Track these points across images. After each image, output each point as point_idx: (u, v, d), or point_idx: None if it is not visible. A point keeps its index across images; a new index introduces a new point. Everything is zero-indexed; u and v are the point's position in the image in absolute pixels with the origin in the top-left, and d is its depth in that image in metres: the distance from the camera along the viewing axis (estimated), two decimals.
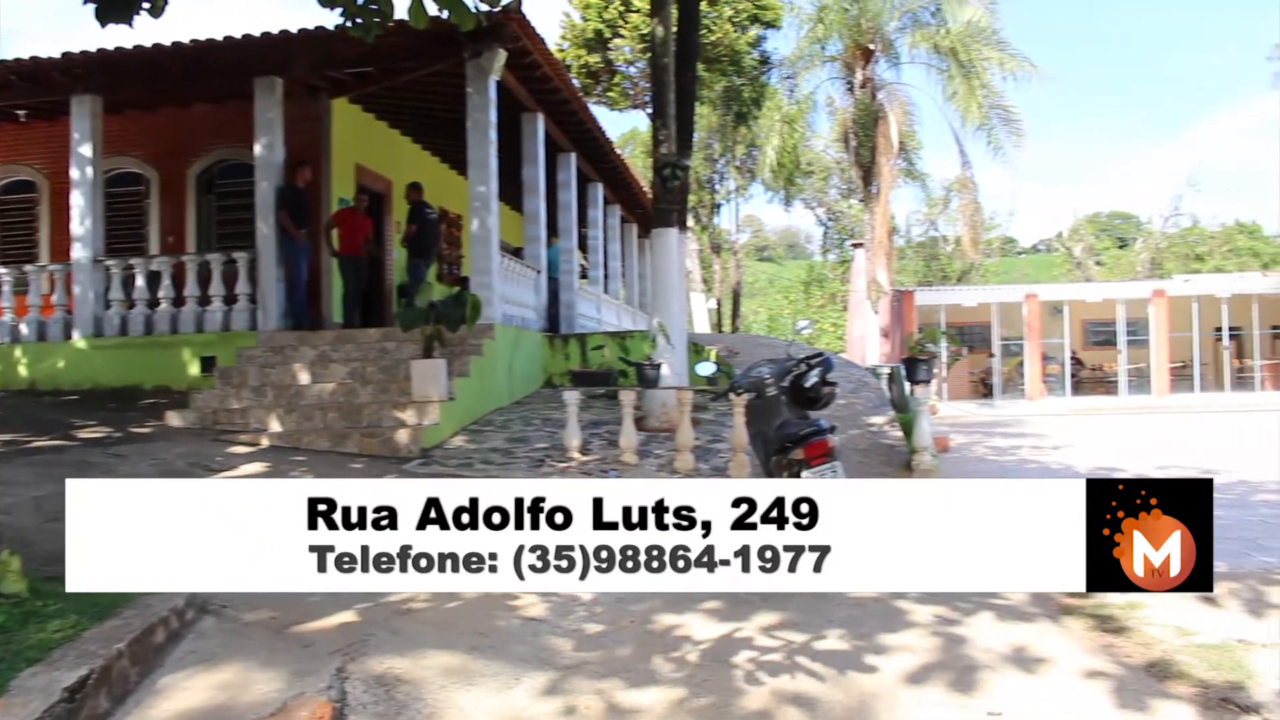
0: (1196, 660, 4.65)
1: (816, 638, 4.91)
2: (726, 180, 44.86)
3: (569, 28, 31.89)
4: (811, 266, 57.55)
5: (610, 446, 10.36)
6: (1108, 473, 12.65)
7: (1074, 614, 5.36)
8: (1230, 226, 54.42)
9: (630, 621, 5.18)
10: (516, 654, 4.68)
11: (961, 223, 32.41)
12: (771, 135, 29.36)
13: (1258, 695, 4.24)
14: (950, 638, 4.97)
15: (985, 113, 27.04)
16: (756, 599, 5.35)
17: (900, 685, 4.36)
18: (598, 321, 19.74)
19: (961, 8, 26.87)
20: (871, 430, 11.77)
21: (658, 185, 12.25)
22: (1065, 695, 4.27)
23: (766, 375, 6.57)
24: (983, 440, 17.13)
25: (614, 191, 21.55)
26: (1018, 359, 30.80)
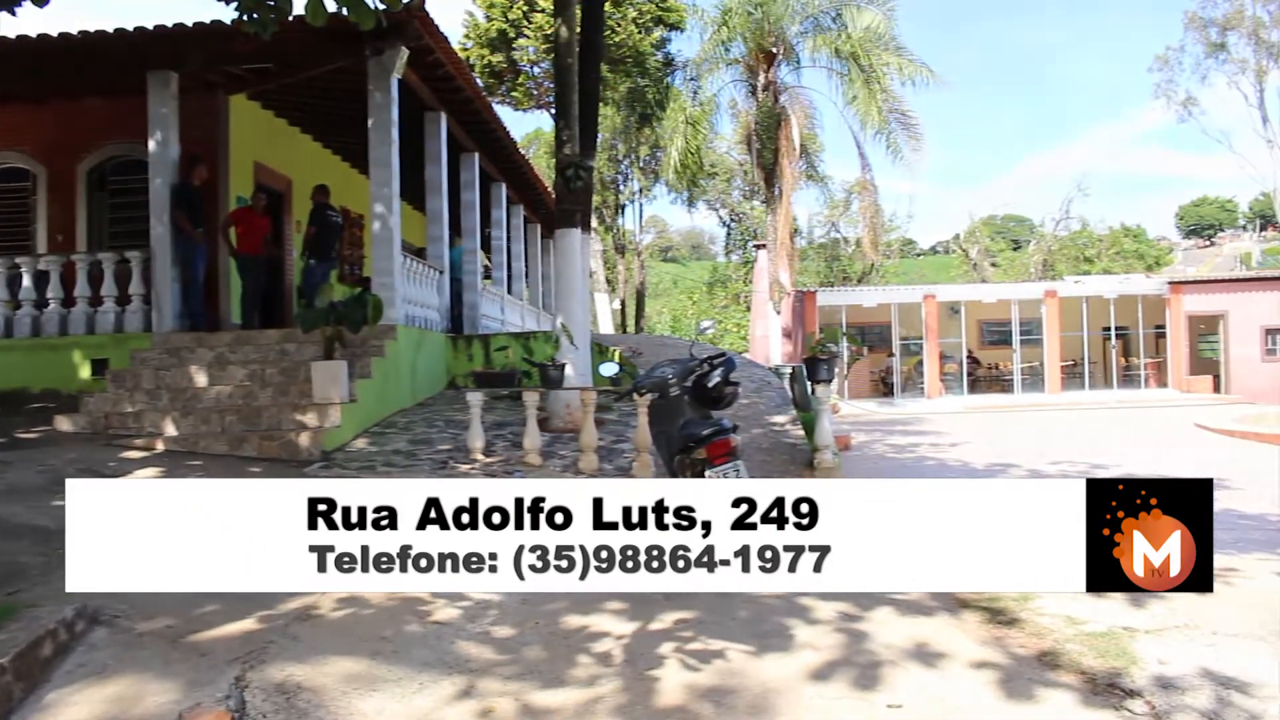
0: (1084, 649, 4.77)
1: (723, 635, 4.94)
2: (631, 181, 45.02)
3: (473, 27, 31.69)
4: (715, 267, 57.99)
5: (514, 448, 10.31)
6: (1002, 469, 12.99)
7: (971, 607, 5.47)
8: (1117, 230, 56.18)
9: (539, 623, 5.15)
10: (422, 659, 4.62)
11: (862, 225, 32.96)
12: (675, 137, 29.50)
13: (1140, 680, 4.37)
14: (852, 633, 5.02)
15: (885, 117, 27.50)
16: (661, 598, 5.37)
17: (805, 680, 4.40)
18: (501, 322, 19.63)
19: (861, 13, 27.31)
20: (774, 429, 11.90)
21: (561, 186, 12.22)
22: (960, 687, 4.34)
23: (670, 375, 6.60)
24: (883, 438, 17.45)
25: (518, 192, 21.46)
26: (917, 358, 31.41)
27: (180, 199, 12.34)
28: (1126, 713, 4.06)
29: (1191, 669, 4.50)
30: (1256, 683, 4.34)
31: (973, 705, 4.15)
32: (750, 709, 4.10)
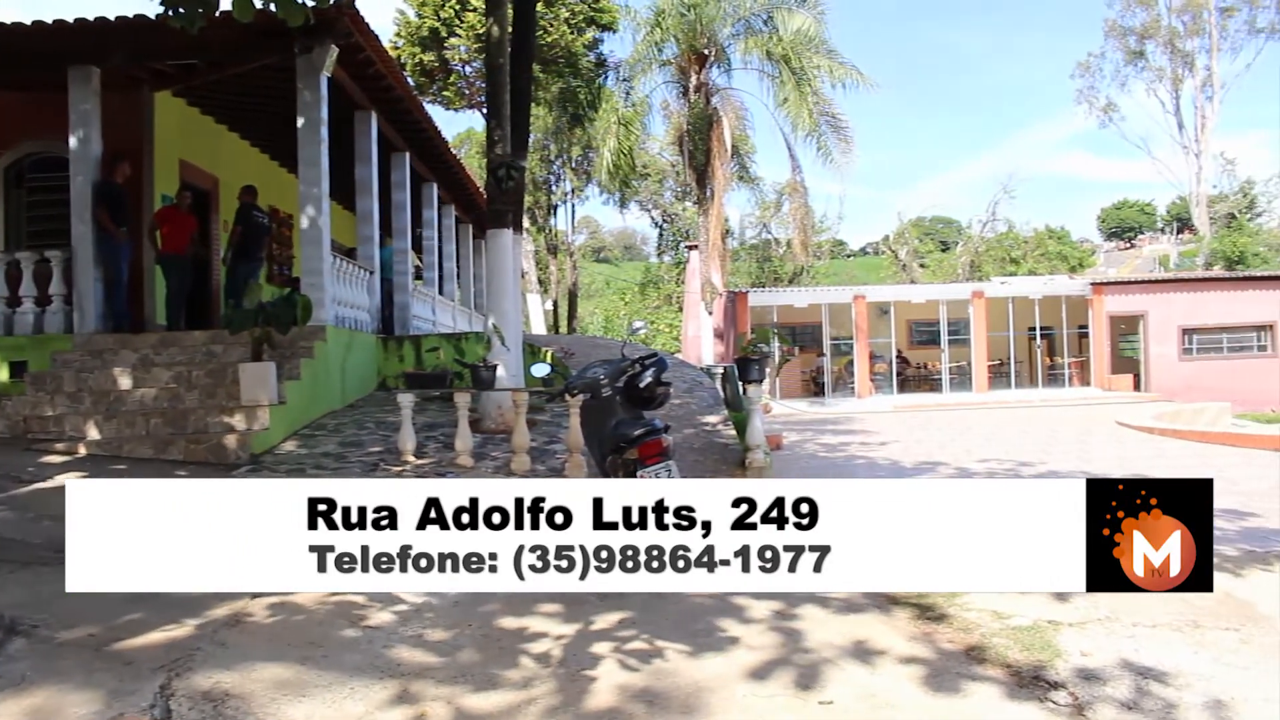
0: (1010, 642, 4.88)
1: (657, 635, 4.96)
2: (563, 182, 44.99)
3: (404, 25, 31.42)
4: (647, 268, 58.04)
5: (445, 449, 10.26)
6: (930, 468, 13.16)
7: (900, 604, 5.55)
8: (1041, 232, 57.18)
9: (473, 625, 5.14)
10: (353, 663, 4.58)
11: (793, 226, 33.25)
12: (608, 137, 29.49)
13: (1063, 672, 4.49)
14: (785, 631, 5.08)
15: (815, 119, 27.73)
16: (595, 599, 5.38)
17: (738, 679, 4.44)
18: (433, 323, 19.51)
19: (792, 16, 27.50)
20: (706, 429, 11.95)
21: (493, 186, 12.17)
22: (890, 682, 4.41)
23: (601, 376, 6.60)
24: (814, 437, 17.59)
25: (449, 192, 21.32)
26: (847, 358, 31.71)
27: (102, 197, 12.09)
28: (1050, 704, 4.15)
29: (1112, 660, 4.62)
30: (1173, 672, 4.47)
31: (902, 700, 4.21)
32: (683, 708, 4.13)
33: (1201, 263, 50.81)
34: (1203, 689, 4.28)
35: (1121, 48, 57.89)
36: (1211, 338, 31.06)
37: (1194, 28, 55.50)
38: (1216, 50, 55.07)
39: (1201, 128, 55.53)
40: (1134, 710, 4.08)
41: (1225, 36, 54.97)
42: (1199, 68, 55.69)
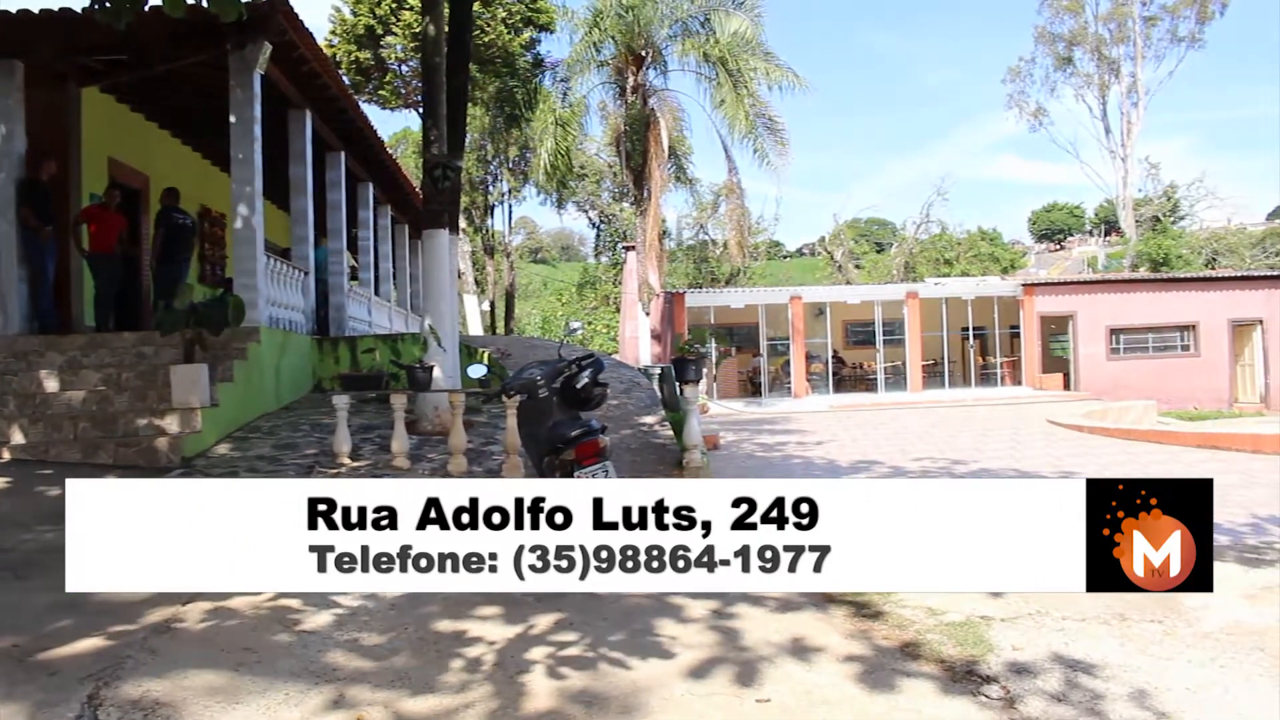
0: (944, 638, 4.95)
1: (594, 636, 4.96)
2: (500, 182, 44.78)
3: (339, 22, 31.10)
4: (585, 268, 58.07)
5: (382, 451, 10.18)
6: (866, 466, 13.31)
7: (837, 602, 5.60)
8: (974, 233, 58.06)
9: (409, 629, 5.10)
10: (288, 669, 4.52)
11: (730, 227, 33.40)
12: (545, 138, 29.44)
13: (996, 667, 4.56)
14: (723, 630, 5.10)
15: (752, 121, 27.88)
16: (532, 600, 5.37)
17: (676, 678, 4.45)
18: (369, 324, 19.34)
19: (729, 19, 27.63)
20: (643, 430, 11.98)
21: (429, 186, 12.09)
22: (827, 680, 4.45)
23: (538, 377, 6.59)
24: (751, 437, 17.70)
25: (385, 192, 21.15)
26: (784, 358, 31.92)
27: (26, 195, 11.82)
28: (983, 698, 4.22)
29: (1043, 654, 4.71)
30: (1100, 664, 4.56)
31: (839, 697, 4.24)
32: (621, 709, 4.13)
33: (1128, 264, 51.87)
34: (1128, 680, 4.37)
35: (1051, 53, 58.98)
36: (1138, 338, 31.73)
37: (1120, 35, 56.76)
38: (1141, 58, 56.37)
39: (1127, 133, 56.74)
40: (1063, 702, 4.15)
41: (1149, 45, 56.29)
42: (1124, 74, 56.95)
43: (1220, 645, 4.88)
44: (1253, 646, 4.85)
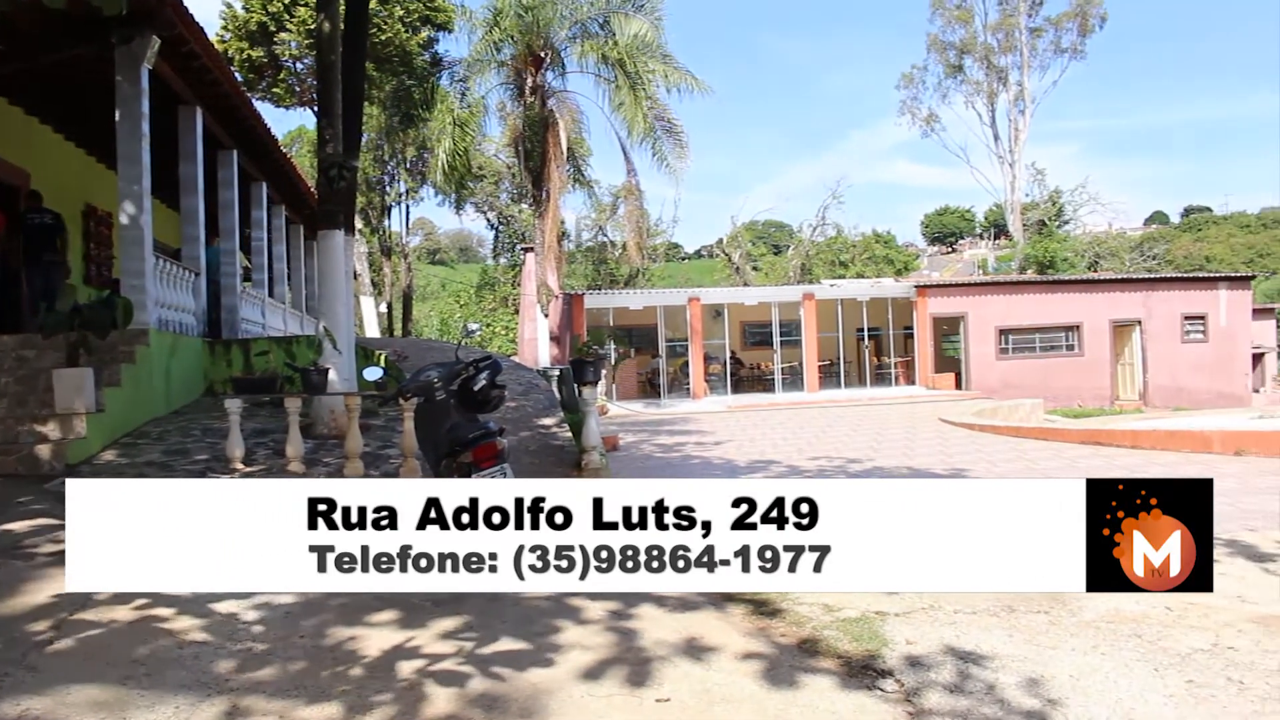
0: (841, 634, 5.05)
1: (493, 640, 4.94)
2: (397, 182, 44.30)
3: (230, 18, 30.44)
4: (484, 270, 57.76)
5: (276, 456, 10.02)
6: (763, 465, 13.48)
7: (735, 601, 5.67)
8: (869, 236, 59.09)
9: (302, 637, 5.03)
10: (178, 681, 4.41)
11: (628, 229, 33.50)
12: (443, 138, 29.15)
13: (891, 661, 4.67)
14: (622, 631, 5.12)
15: (650, 123, 27.96)
16: (430, 605, 5.35)
17: (576, 680, 4.46)
18: (263, 326, 18.98)
19: (629, 21, 27.66)
20: (542, 431, 11.97)
21: (324, 185, 11.93)
22: (726, 678, 4.49)
23: (435, 379, 6.56)
24: (650, 438, 17.78)
25: (280, 191, 20.78)
26: (682, 359, 32.09)
27: None
28: (879, 692, 4.30)
29: (937, 647, 4.83)
30: (991, 655, 4.70)
31: (738, 695, 4.29)
32: (521, 712, 4.12)
33: (1016, 267, 53.33)
34: (1018, 669, 4.51)
35: (942, 61, 60.52)
36: (1025, 338, 32.63)
37: (1007, 45, 58.54)
38: (1027, 67, 58.28)
39: (1015, 140, 58.49)
40: (957, 693, 4.26)
41: (1035, 55, 58.32)
42: (1012, 83, 58.76)
43: (1101, 633, 5.07)
44: (1130, 634, 5.05)
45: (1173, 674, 4.47)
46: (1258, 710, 4.06)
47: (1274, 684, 4.34)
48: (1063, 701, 4.15)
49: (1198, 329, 33.35)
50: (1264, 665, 4.58)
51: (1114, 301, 33.22)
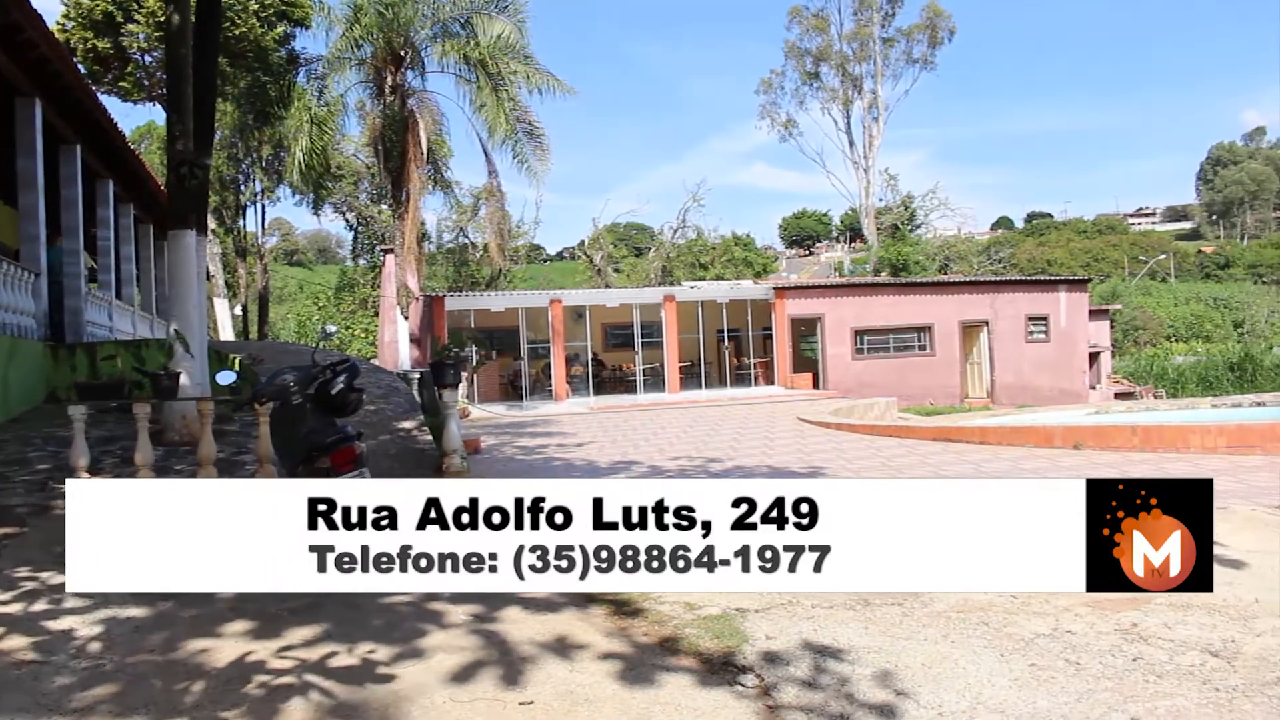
0: (702, 632, 5.13)
1: (354, 646, 4.90)
2: (252, 181, 43.22)
3: (74, 5, 29.20)
4: (343, 271, 56.86)
5: (125, 464, 9.69)
6: (625, 466, 13.56)
7: (598, 601, 5.72)
8: (728, 238, 59.94)
9: (151, 652, 4.88)
10: (16, 704, 4.24)
11: (489, 230, 33.29)
12: (300, 136, 28.47)
13: (751, 657, 4.77)
14: (485, 634, 5.12)
15: (512, 125, 27.82)
16: (287, 613, 5.27)
17: (439, 685, 4.44)
18: (110, 329, 18.31)
19: (492, 22, 27.46)
20: (402, 435, 11.85)
21: (175, 184, 11.60)
22: (589, 679, 4.53)
23: (291, 383, 6.46)
24: (512, 440, 17.72)
25: (127, 189, 20.08)
26: (544, 361, 32.02)
27: None
28: (740, 688, 4.39)
29: (795, 642, 4.96)
30: (845, 648, 4.85)
31: (601, 695, 4.33)
32: (385, 717, 4.11)
33: (870, 270, 54.83)
34: (872, 661, 4.66)
35: (799, 68, 62.01)
36: (880, 338, 33.54)
37: (862, 54, 60.39)
38: (881, 76, 60.27)
39: (869, 146, 60.33)
40: (813, 688, 4.38)
41: (888, 64, 60.44)
42: (866, 91, 60.54)
43: (951, 622, 5.28)
44: (978, 622, 5.27)
45: (1017, 658, 4.69)
46: (1091, 688, 4.29)
47: (1106, 663, 4.60)
48: (916, 689, 4.30)
49: (1040, 329, 34.82)
50: (1097, 646, 4.84)
51: (963, 303, 34.44)
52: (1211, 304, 73.74)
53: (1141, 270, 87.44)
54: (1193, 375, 43.63)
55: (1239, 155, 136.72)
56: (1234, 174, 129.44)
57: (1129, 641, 4.91)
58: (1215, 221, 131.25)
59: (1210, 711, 4.02)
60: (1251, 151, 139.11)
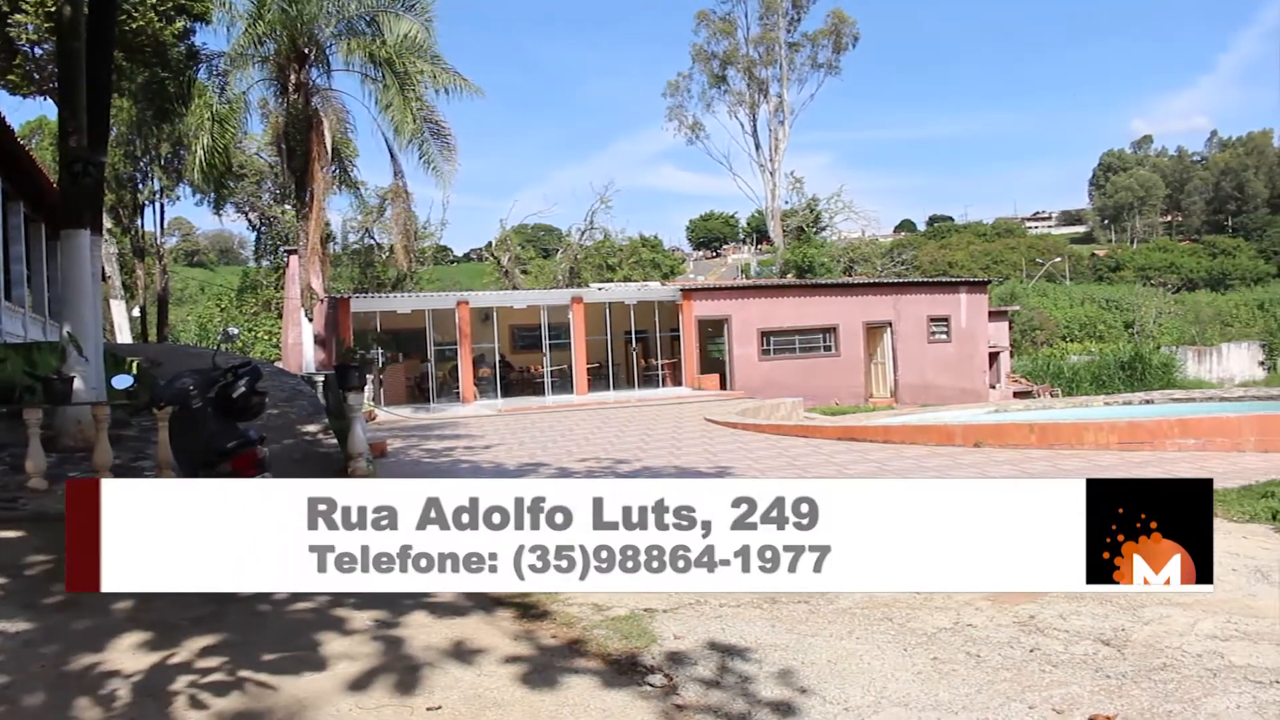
0: (610, 633, 5.16)
1: (256, 655, 4.82)
2: (151, 180, 42.21)
3: None
4: (246, 272, 55.97)
5: (15, 472, 9.39)
6: (533, 468, 13.54)
7: (504, 605, 5.71)
8: (636, 240, 60.17)
9: (42, 666, 4.74)
10: None
11: (396, 232, 32.86)
12: (201, 134, 27.79)
13: (657, 657, 4.81)
14: (389, 640, 5.09)
15: (419, 125, 27.53)
16: (186, 623, 5.16)
17: (342, 693, 4.40)
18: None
19: (398, 21, 27.17)
20: (307, 438, 11.70)
21: (68, 182, 11.29)
22: (496, 682, 4.53)
23: (191, 386, 6.35)
24: (419, 443, 17.56)
25: (17, 187, 19.46)
26: (451, 363, 31.76)
27: None
28: (647, 687, 4.43)
29: (701, 641, 5.01)
30: (752, 646, 4.91)
31: (508, 699, 4.33)
32: None
33: (777, 271, 55.45)
34: (776, 659, 4.73)
35: (706, 72, 62.47)
36: (786, 339, 33.90)
37: (768, 58, 61.10)
38: (786, 80, 60.98)
39: (775, 149, 61.01)
40: (718, 686, 4.43)
41: (793, 69, 61.24)
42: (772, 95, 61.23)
43: (856, 619, 5.37)
44: (882, 617, 5.38)
45: (920, 652, 4.79)
46: (991, 679, 4.41)
47: (1004, 655, 4.72)
48: (821, 686, 4.38)
49: (942, 330, 35.53)
50: (996, 639, 4.97)
51: (867, 304, 34.99)
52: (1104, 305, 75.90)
53: (1038, 272, 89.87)
54: (1087, 374, 44.93)
55: (1128, 162, 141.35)
56: (1124, 180, 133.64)
57: (1027, 633, 5.05)
58: (1107, 226, 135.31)
59: (1102, 697, 4.16)
60: (1140, 159, 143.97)
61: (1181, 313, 73.04)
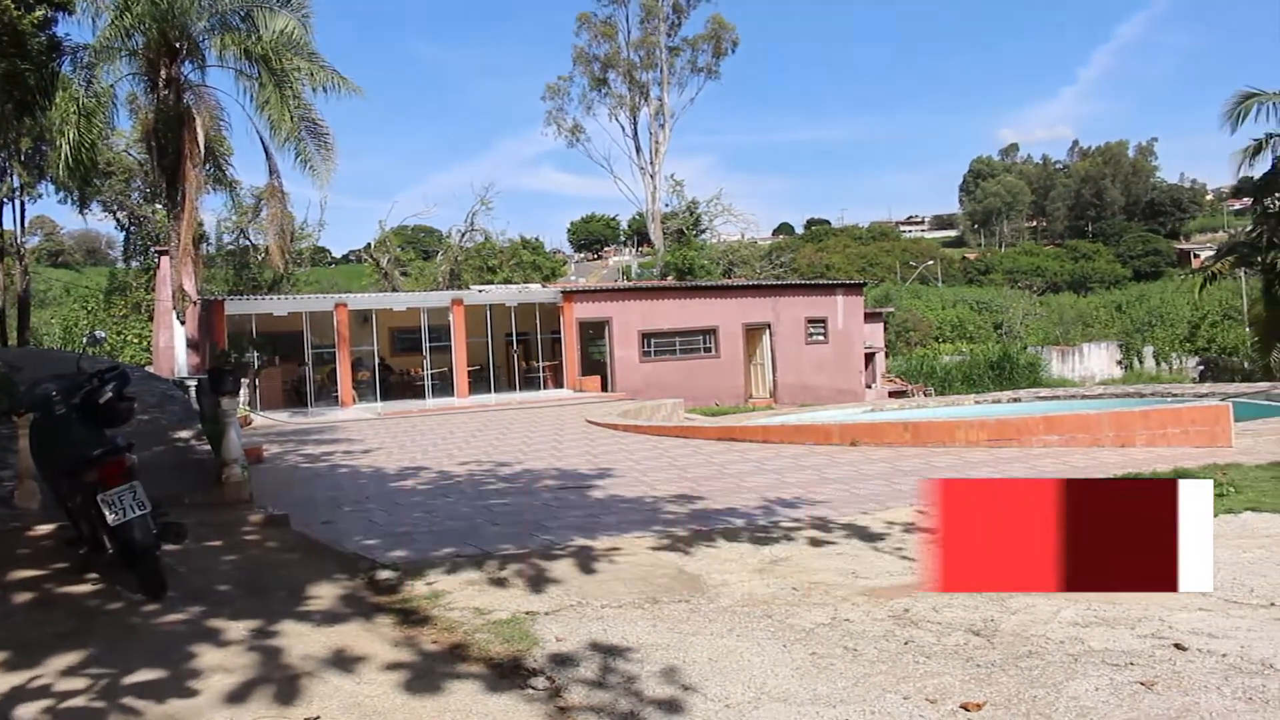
0: (492, 637, 5.15)
1: (125, 673, 4.68)
2: (10, 176, 40.56)
3: None
4: (114, 274, 54.27)
5: None
6: (414, 472, 13.43)
7: (384, 611, 5.66)
8: (517, 242, 59.99)
9: None
10: None
11: (271, 232, 32.16)
12: (67, 129, 26.81)
13: (540, 659, 4.82)
14: (266, 650, 5.01)
15: (296, 124, 27.01)
16: (49, 639, 5.00)
17: (218, 706, 4.31)
18: None
19: (274, 17, 26.64)
20: (179, 445, 11.41)
21: None
22: (376, 690, 4.49)
23: (54, 392, 6.14)
24: (297, 448, 17.26)
25: None
26: (330, 367, 31.26)
27: None
28: (530, 690, 4.43)
29: (583, 643, 5.04)
30: (634, 646, 4.96)
31: (388, 707, 4.29)
32: None
33: (657, 273, 55.84)
34: (659, 658, 4.78)
35: (587, 74, 62.62)
36: (666, 341, 34.16)
37: (649, 62, 61.55)
38: (667, 84, 61.50)
39: (656, 152, 61.48)
40: (601, 687, 4.46)
41: (674, 73, 61.85)
42: (653, 98, 61.68)
43: (737, 617, 5.47)
44: (762, 615, 5.48)
45: (799, 648, 4.90)
46: (868, 672, 4.53)
47: (880, 648, 4.86)
48: (699, 686, 4.43)
49: (819, 331, 36.21)
50: (872, 632, 5.11)
51: (746, 306, 35.48)
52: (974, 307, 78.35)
53: (912, 275, 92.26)
54: (958, 374, 46.33)
55: (996, 169, 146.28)
56: (992, 186, 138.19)
57: (901, 626, 5.21)
58: (977, 230, 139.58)
59: (973, 686, 4.31)
60: (1007, 166, 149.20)
61: (1046, 314, 75.96)
